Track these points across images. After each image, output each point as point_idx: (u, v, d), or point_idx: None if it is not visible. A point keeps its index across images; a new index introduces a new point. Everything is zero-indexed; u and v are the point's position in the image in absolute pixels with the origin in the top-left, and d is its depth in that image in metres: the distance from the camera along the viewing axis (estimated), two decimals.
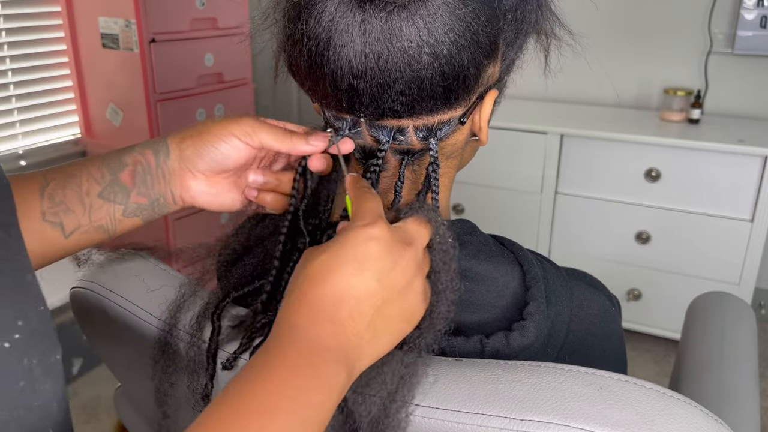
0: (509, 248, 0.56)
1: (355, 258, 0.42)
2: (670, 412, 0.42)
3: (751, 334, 0.93)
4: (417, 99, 0.48)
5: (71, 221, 0.55)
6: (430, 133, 0.51)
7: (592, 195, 2.05)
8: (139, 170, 0.56)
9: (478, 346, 0.51)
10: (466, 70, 0.48)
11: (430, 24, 0.45)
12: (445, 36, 0.46)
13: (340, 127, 0.53)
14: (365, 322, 0.42)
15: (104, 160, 0.57)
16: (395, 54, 0.46)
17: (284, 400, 0.38)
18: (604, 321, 0.57)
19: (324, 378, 0.40)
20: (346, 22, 0.46)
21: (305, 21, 0.48)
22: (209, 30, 2.05)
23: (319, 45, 0.47)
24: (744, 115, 2.18)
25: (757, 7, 2.00)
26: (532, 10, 0.54)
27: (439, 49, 0.46)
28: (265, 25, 0.54)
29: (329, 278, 0.42)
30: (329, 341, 0.41)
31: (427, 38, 0.46)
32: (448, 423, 0.44)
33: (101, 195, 0.56)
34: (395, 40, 0.45)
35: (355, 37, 0.46)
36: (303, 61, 0.49)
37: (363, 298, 0.42)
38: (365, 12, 0.45)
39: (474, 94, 0.51)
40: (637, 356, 2.08)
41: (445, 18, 0.46)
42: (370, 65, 0.46)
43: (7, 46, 1.90)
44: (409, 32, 0.45)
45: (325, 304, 0.42)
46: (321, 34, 0.47)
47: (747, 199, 1.85)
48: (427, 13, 0.45)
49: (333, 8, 0.46)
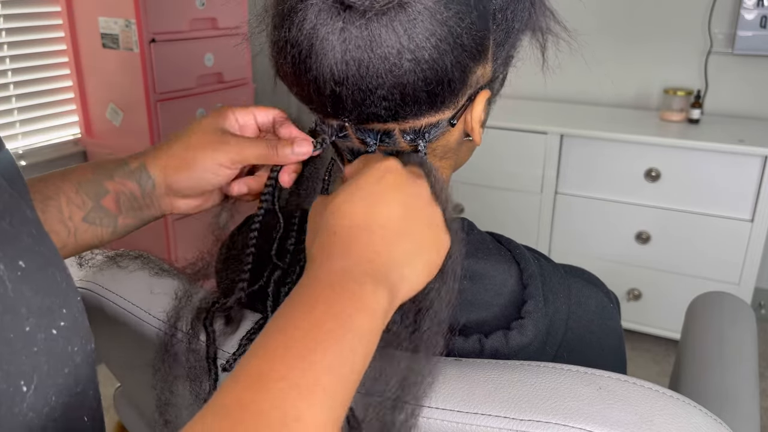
0: (506, 246, 0.56)
1: (376, 190, 0.44)
2: (670, 411, 0.42)
3: (750, 334, 0.93)
4: (400, 104, 0.48)
5: (55, 242, 0.55)
6: (417, 135, 0.51)
7: (592, 195, 2.04)
8: (123, 199, 0.57)
9: (477, 345, 0.51)
10: (450, 73, 0.47)
11: (410, 30, 0.45)
12: (426, 41, 0.46)
13: (324, 131, 0.54)
14: (399, 248, 0.43)
15: (81, 184, 0.56)
16: (376, 60, 0.46)
17: (327, 332, 0.37)
18: (602, 318, 0.57)
19: (366, 302, 0.39)
20: (326, 30, 0.46)
21: (288, 28, 0.48)
22: (209, 30, 2.05)
23: (302, 52, 0.47)
24: (744, 115, 2.18)
25: (757, 7, 2.00)
26: (524, 8, 0.53)
27: (420, 55, 0.46)
28: (260, 28, 0.54)
29: (355, 212, 0.43)
30: (366, 267, 0.41)
31: (407, 44, 0.45)
32: (447, 423, 0.44)
33: (86, 219, 0.56)
34: (375, 47, 0.45)
35: (336, 45, 0.46)
36: (287, 68, 0.50)
37: (392, 226, 0.43)
38: (344, 20, 0.45)
39: (463, 96, 0.51)
40: (637, 356, 2.08)
41: (426, 23, 0.45)
42: (351, 72, 0.46)
43: (7, 46, 1.90)
44: (389, 39, 0.45)
45: (356, 235, 0.42)
46: (303, 41, 0.47)
47: (747, 199, 1.85)
48: (407, 19, 0.45)
49: (314, 16, 0.46)
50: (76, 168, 0.58)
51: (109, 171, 0.57)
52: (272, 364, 0.35)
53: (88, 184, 0.56)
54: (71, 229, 0.55)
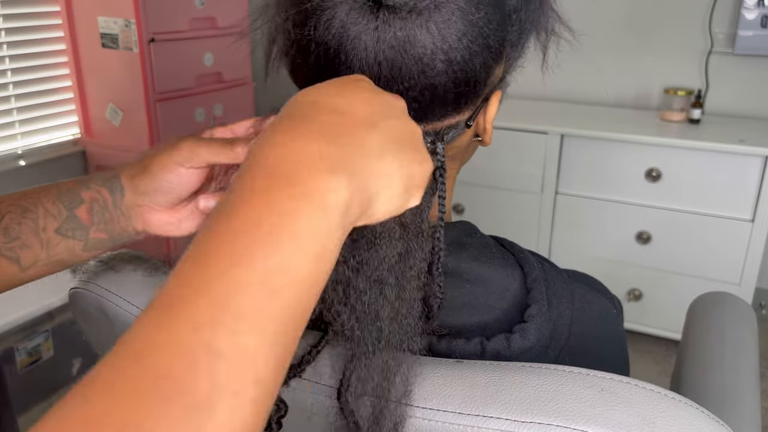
0: (510, 250, 0.56)
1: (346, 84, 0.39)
2: (672, 413, 0.42)
3: (751, 334, 0.93)
4: (429, 106, 0.47)
5: (28, 256, 0.53)
6: (437, 137, 0.51)
7: (592, 195, 2.04)
8: (96, 208, 0.55)
9: (478, 348, 0.51)
10: (477, 75, 0.47)
11: (444, 30, 0.44)
12: (458, 42, 0.45)
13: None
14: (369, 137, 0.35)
15: (60, 194, 0.55)
16: (409, 61, 0.45)
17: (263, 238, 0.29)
18: (605, 323, 0.56)
19: (318, 194, 0.31)
20: (359, 29, 0.45)
21: (313, 27, 0.46)
22: (209, 30, 2.05)
23: (329, 52, 0.46)
24: (744, 115, 2.17)
25: (758, 7, 2.00)
26: (535, 9, 0.53)
27: (453, 56, 0.45)
28: (258, 23, 0.53)
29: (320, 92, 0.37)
30: (324, 149, 0.33)
31: (441, 45, 0.45)
32: (448, 425, 0.44)
33: (59, 231, 0.54)
34: (409, 48, 0.44)
35: (368, 45, 0.45)
36: (310, 69, 0.48)
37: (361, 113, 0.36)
38: (379, 18, 0.44)
39: (481, 97, 0.51)
40: (638, 357, 2.08)
41: (459, 24, 0.45)
42: (384, 73, 0.45)
43: (6, 46, 1.90)
44: (424, 39, 0.44)
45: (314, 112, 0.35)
46: (331, 41, 0.45)
47: (748, 199, 1.85)
48: (442, 19, 0.44)
49: (344, 14, 0.45)
50: (64, 180, 0.56)
51: (89, 180, 0.55)
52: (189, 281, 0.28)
53: (67, 194, 0.55)
54: (44, 241, 0.53)
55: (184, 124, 2.03)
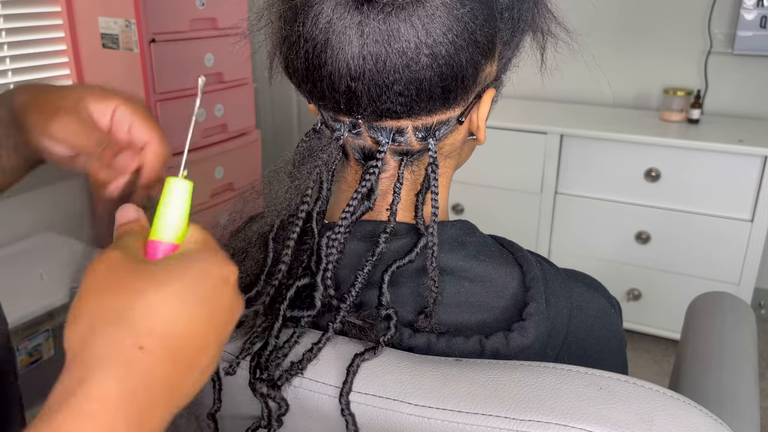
0: (509, 249, 0.56)
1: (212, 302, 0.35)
2: (670, 412, 0.42)
3: (751, 334, 0.93)
4: (416, 99, 0.48)
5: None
6: (428, 133, 0.51)
7: (592, 195, 2.04)
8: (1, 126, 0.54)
9: (477, 346, 0.51)
10: (464, 70, 0.48)
11: (428, 25, 0.46)
12: (443, 37, 0.46)
13: (337, 129, 0.53)
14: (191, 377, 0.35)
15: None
16: (393, 55, 0.46)
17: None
18: (603, 322, 0.57)
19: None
20: (344, 24, 0.46)
21: (302, 23, 0.47)
22: (209, 30, 2.05)
23: (317, 47, 0.47)
24: (744, 115, 2.18)
25: (757, 7, 2.00)
26: (528, 8, 0.54)
27: (437, 50, 0.46)
28: (259, 25, 0.54)
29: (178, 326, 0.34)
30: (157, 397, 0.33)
31: (425, 39, 0.46)
32: (447, 423, 0.44)
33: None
34: (393, 42, 0.46)
35: (353, 39, 0.46)
36: (300, 64, 0.49)
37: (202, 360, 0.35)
38: (363, 13, 0.45)
39: (472, 94, 0.51)
40: (637, 356, 2.08)
41: (443, 18, 0.46)
42: (369, 67, 0.46)
43: (7, 46, 1.90)
44: (408, 33, 0.45)
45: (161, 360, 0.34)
46: (318, 36, 0.47)
47: (747, 199, 1.85)
48: (425, 14, 0.45)
49: (330, 10, 0.46)
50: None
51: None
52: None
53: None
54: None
55: (184, 125, 2.03)
